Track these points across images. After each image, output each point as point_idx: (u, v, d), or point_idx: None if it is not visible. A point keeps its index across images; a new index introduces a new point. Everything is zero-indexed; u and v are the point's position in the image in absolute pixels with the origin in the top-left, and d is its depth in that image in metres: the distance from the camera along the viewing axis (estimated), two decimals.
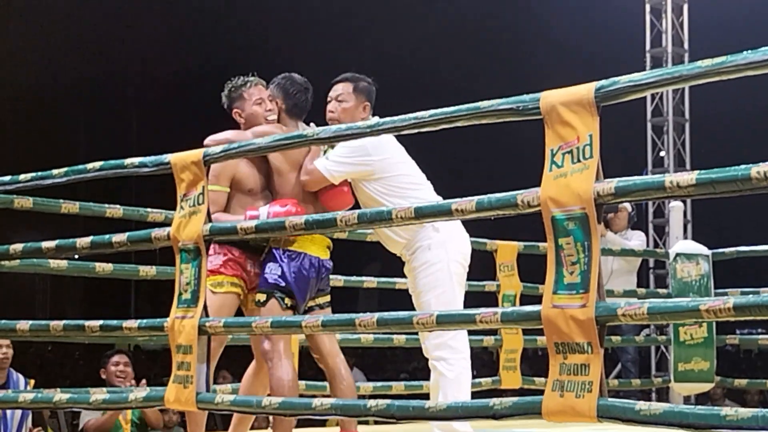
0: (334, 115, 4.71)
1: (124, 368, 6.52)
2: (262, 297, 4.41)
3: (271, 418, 4.59)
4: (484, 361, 13.24)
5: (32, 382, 6.42)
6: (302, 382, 5.94)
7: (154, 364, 14.15)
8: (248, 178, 4.58)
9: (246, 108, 4.68)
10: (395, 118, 3.65)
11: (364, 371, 11.65)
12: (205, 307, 3.92)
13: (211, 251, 4.36)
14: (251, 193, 4.58)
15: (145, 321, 4.14)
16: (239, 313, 4.61)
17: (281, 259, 4.44)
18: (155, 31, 19.46)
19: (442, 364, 4.59)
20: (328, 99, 4.78)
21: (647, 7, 11.55)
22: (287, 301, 4.41)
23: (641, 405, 2.81)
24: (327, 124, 4.50)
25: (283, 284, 4.41)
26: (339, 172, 4.54)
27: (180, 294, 3.96)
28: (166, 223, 4.72)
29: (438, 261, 4.65)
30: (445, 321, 3.34)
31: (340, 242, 6.06)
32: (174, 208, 4.07)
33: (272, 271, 4.43)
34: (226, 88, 4.75)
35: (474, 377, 5.03)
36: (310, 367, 6.29)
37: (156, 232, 4.13)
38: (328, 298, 4.64)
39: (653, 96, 11.33)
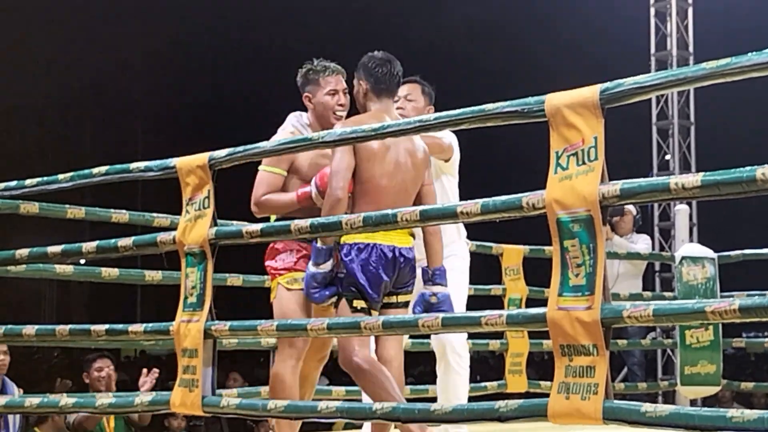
0: (404, 112, 4.74)
1: (107, 373, 6.47)
2: (333, 298, 4.15)
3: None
4: (490, 365, 13.24)
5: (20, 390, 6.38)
6: None
7: (160, 369, 14.13)
8: (308, 167, 4.41)
9: (317, 95, 4.50)
10: (400, 121, 3.66)
11: None
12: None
13: (280, 247, 4.38)
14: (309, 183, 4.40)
15: (150, 325, 4.14)
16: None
17: (349, 253, 4.12)
18: (159, 35, 19.47)
19: (459, 362, 4.73)
20: (395, 98, 4.72)
21: (652, 11, 11.54)
22: (356, 303, 4.10)
23: (647, 407, 2.80)
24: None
25: (355, 286, 4.10)
26: None
27: (186, 298, 3.96)
28: (172, 228, 4.72)
29: (465, 271, 4.98)
30: (451, 324, 3.35)
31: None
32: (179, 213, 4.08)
33: (341, 268, 4.14)
34: (304, 68, 4.56)
35: (478, 381, 5.10)
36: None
37: (161, 236, 4.14)
38: (409, 297, 4.27)
39: (658, 99, 11.33)
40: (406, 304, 4.25)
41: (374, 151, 4.13)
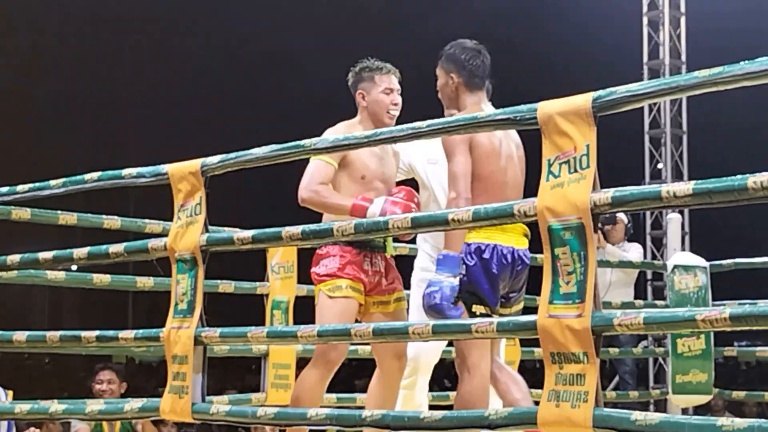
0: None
1: (108, 386, 6.45)
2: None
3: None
4: None
5: (11, 393, 6.36)
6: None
7: (150, 376, 14.14)
8: (363, 165, 4.35)
9: (372, 93, 4.44)
10: (393, 128, 3.66)
11: (360, 382, 11.61)
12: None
13: (323, 252, 4.32)
14: (363, 180, 4.36)
15: (141, 331, 4.13)
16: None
17: (466, 254, 3.89)
18: (148, 40, 19.46)
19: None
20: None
21: (645, 20, 11.57)
22: (475, 308, 3.86)
23: (637, 415, 2.80)
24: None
25: (474, 291, 3.87)
26: None
27: (176, 304, 3.95)
28: (164, 234, 4.71)
29: None
30: (442, 331, 3.34)
31: None
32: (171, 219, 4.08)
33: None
34: (357, 66, 4.52)
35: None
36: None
37: (153, 243, 4.13)
38: (521, 305, 4.08)
39: (651, 108, 11.35)
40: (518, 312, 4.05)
41: (491, 148, 3.98)
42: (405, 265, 4.85)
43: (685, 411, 7.57)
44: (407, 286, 4.74)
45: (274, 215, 5.05)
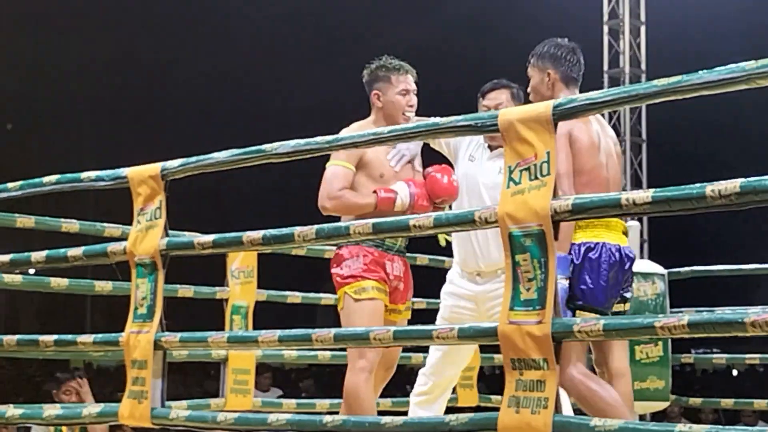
0: None
1: (68, 396, 6.39)
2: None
3: None
4: None
5: None
6: (258, 399, 5.94)
7: (108, 381, 14.05)
8: (381, 163, 4.25)
9: (388, 93, 4.34)
10: (354, 134, 3.65)
11: (322, 388, 11.60)
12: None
13: (346, 253, 4.21)
14: (383, 179, 4.26)
15: (100, 336, 4.11)
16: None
17: (576, 255, 3.74)
18: (102, 42, 19.34)
19: None
20: (483, 106, 4.65)
21: (605, 29, 11.65)
22: (579, 313, 3.69)
23: (596, 421, 2.82)
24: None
25: (577, 293, 3.71)
26: None
27: (136, 308, 3.93)
28: (123, 238, 4.68)
29: None
30: (402, 337, 3.34)
31: (299, 259, 6.07)
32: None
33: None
34: (374, 64, 4.42)
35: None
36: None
37: (112, 247, 4.11)
38: (627, 305, 3.97)
39: (611, 116, 11.42)
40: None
41: (590, 142, 3.85)
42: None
43: (642, 417, 7.62)
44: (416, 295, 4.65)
45: (235, 219, 5.03)
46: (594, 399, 3.65)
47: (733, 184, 2.61)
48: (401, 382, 10.69)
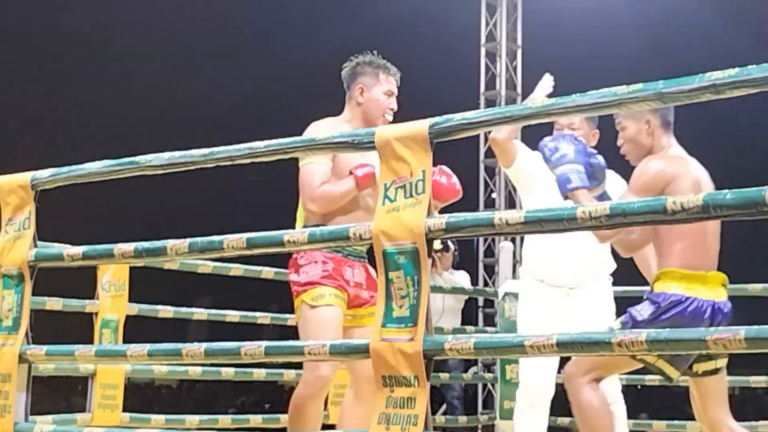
0: None
1: None
2: None
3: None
4: None
5: None
6: (126, 414, 5.83)
7: None
8: (352, 157, 4.04)
9: (374, 90, 4.19)
10: (230, 147, 3.61)
11: (195, 404, 11.48)
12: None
13: (303, 261, 4.07)
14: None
15: None
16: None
17: (661, 304, 3.54)
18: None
19: None
20: (558, 127, 4.62)
21: (483, 51, 11.79)
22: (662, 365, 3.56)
23: None
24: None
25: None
26: None
27: (1, 320, 3.84)
28: None
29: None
30: (273, 352, 3.32)
31: (171, 273, 6.00)
32: None
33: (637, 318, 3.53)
34: (360, 57, 4.27)
35: None
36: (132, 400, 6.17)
37: None
38: (724, 362, 3.67)
39: (486, 137, 11.55)
40: (714, 371, 3.69)
41: (691, 179, 3.64)
42: None
43: None
44: None
45: (109, 231, 4.94)
46: (591, 415, 3.72)
47: (603, 206, 2.66)
48: None
